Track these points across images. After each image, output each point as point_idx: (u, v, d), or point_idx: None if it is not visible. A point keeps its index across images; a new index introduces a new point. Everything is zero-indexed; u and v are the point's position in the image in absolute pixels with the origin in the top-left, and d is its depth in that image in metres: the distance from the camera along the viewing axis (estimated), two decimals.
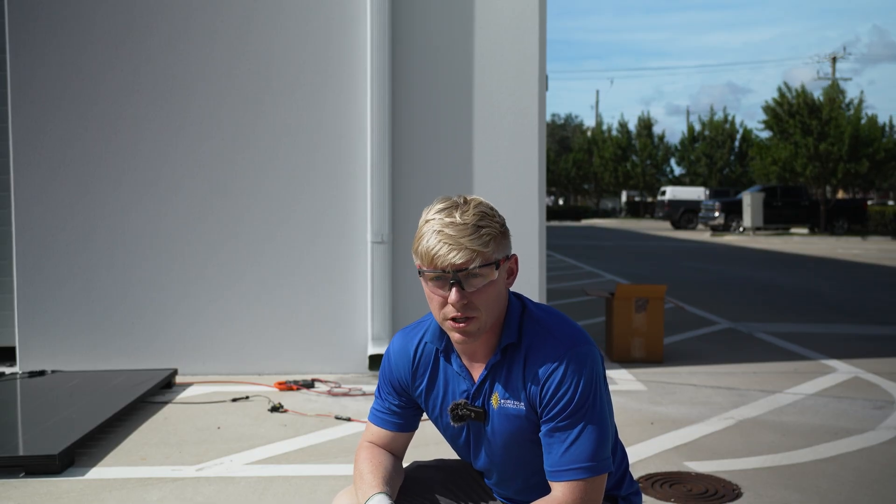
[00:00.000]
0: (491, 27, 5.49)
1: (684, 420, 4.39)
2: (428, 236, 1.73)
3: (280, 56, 5.45)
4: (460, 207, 1.74)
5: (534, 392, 1.79)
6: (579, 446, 1.75)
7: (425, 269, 1.74)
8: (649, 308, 5.98)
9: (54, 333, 5.39)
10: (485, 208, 1.76)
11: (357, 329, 5.51)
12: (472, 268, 1.71)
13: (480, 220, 1.73)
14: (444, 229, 1.71)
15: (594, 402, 1.76)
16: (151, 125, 5.41)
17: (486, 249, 1.72)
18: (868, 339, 7.17)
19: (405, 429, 2.00)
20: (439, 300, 1.76)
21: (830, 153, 30.26)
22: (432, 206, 1.77)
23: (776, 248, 21.61)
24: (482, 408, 1.87)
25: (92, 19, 5.36)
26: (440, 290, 1.75)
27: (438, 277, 1.73)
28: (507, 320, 1.84)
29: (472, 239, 1.71)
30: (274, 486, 3.34)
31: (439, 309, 1.77)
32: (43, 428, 3.91)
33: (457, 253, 1.70)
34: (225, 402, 4.74)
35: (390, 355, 1.97)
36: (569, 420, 1.76)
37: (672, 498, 3.23)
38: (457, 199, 1.77)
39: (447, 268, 1.71)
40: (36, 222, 5.38)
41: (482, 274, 1.73)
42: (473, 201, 1.77)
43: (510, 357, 1.83)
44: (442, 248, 1.71)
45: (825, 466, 3.63)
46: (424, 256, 1.73)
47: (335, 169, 5.49)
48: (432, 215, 1.75)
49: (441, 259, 1.71)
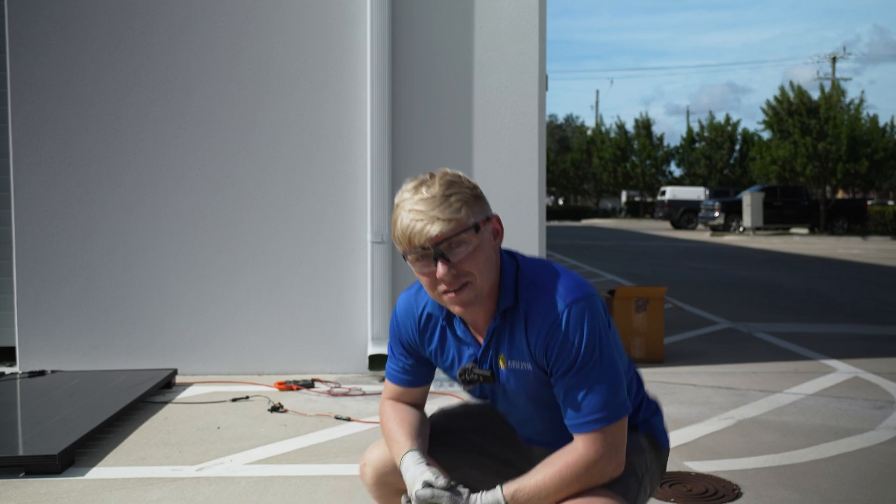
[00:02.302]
0: (491, 27, 5.49)
1: (684, 420, 4.39)
2: (401, 218, 1.74)
3: (280, 55, 5.44)
4: (426, 183, 1.76)
5: (539, 353, 1.80)
6: (593, 399, 1.76)
7: (407, 252, 1.75)
8: (649, 308, 5.98)
9: (54, 333, 5.39)
10: (451, 177, 1.77)
11: (357, 329, 5.51)
12: (449, 237, 1.71)
13: (447, 188, 1.74)
14: (415, 207, 1.73)
15: (600, 353, 1.77)
16: (151, 125, 5.41)
17: (459, 216, 1.72)
18: (868, 339, 7.16)
19: (422, 383, 2.05)
20: (429, 279, 1.77)
21: (829, 153, 30.25)
22: (401, 189, 1.79)
23: (776, 248, 21.61)
24: (490, 370, 1.89)
25: (92, 19, 5.36)
26: (427, 268, 1.75)
27: (422, 256, 1.74)
28: (502, 283, 1.84)
29: (443, 209, 1.71)
30: (274, 486, 3.34)
31: (433, 288, 1.78)
32: (43, 428, 3.91)
33: (430, 225, 1.70)
34: (225, 402, 4.74)
35: (397, 317, 2.00)
36: (578, 376, 1.77)
37: (672, 498, 3.23)
38: (423, 177, 1.78)
39: (425, 243, 1.72)
40: (36, 222, 5.38)
41: (463, 241, 1.73)
42: (439, 173, 1.78)
43: (511, 320, 1.84)
44: (416, 225, 1.71)
45: (825, 466, 3.62)
46: (402, 238, 1.75)
47: (335, 169, 5.49)
48: (402, 196, 1.77)
49: (417, 236, 1.72)
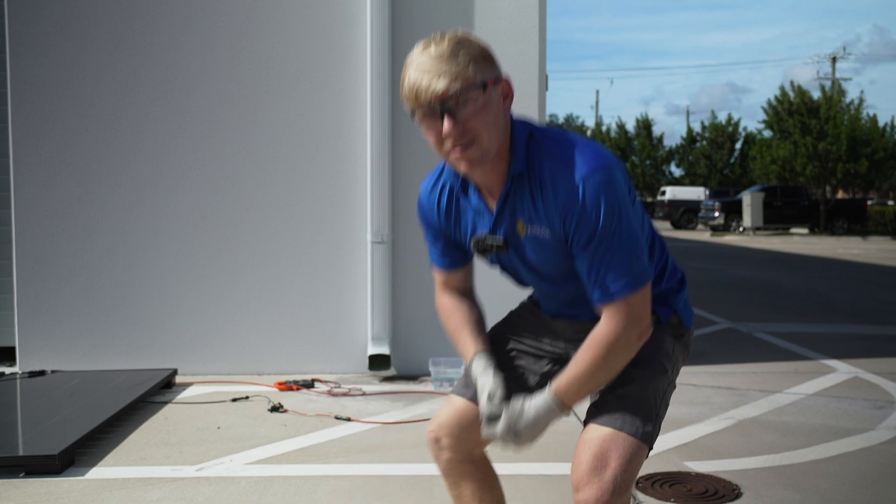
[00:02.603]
0: (491, 27, 5.49)
1: (684, 420, 4.39)
2: (408, 75, 1.75)
3: (280, 56, 5.45)
4: (434, 40, 1.75)
5: (556, 223, 1.79)
6: (613, 271, 1.74)
7: (415, 109, 1.75)
8: None
9: (54, 333, 5.40)
10: (461, 36, 1.77)
11: (357, 329, 5.51)
12: (456, 93, 1.70)
13: (456, 45, 1.73)
14: (422, 63, 1.73)
15: (619, 225, 1.73)
16: (151, 125, 5.41)
17: (466, 73, 1.70)
18: (868, 339, 7.17)
19: (462, 263, 2.08)
20: (435, 137, 1.76)
21: (829, 153, 30.25)
22: (411, 52, 1.81)
23: (776, 248, 21.61)
24: (503, 239, 1.88)
25: (92, 19, 5.36)
26: (434, 125, 1.74)
27: (428, 113, 1.73)
28: (513, 147, 1.82)
29: (451, 65, 1.70)
30: (274, 486, 3.34)
31: (440, 147, 1.77)
32: (43, 428, 3.91)
33: (437, 79, 1.69)
34: (225, 402, 4.75)
35: (420, 199, 2.04)
36: (597, 250, 1.75)
37: (672, 498, 3.23)
38: (433, 35, 1.78)
39: (432, 99, 1.70)
40: (36, 222, 5.38)
41: (470, 98, 1.71)
42: (449, 33, 1.78)
43: (524, 186, 1.82)
44: (423, 80, 1.70)
45: (825, 466, 3.62)
46: (409, 95, 1.75)
47: (335, 169, 5.49)
48: (410, 56, 1.78)
49: (424, 91, 1.71)
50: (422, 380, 5.36)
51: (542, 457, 3.66)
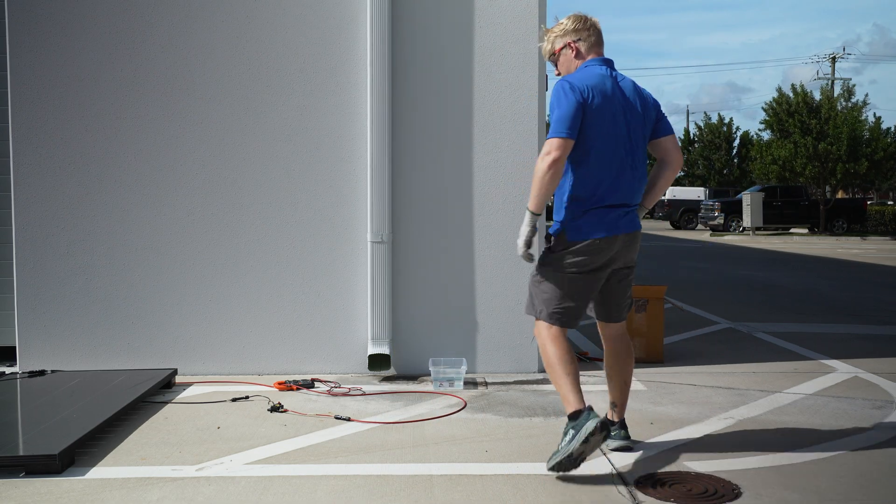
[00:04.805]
0: (491, 27, 5.49)
1: (684, 420, 4.39)
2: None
3: (280, 56, 5.45)
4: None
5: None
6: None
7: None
8: (649, 308, 5.98)
9: (54, 333, 5.40)
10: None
11: (357, 329, 5.51)
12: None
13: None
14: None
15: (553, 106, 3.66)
16: (151, 125, 5.42)
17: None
18: (868, 339, 7.17)
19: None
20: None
21: (829, 153, 30.25)
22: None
23: (776, 248, 21.62)
24: None
25: (92, 19, 5.36)
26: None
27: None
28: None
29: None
30: (274, 486, 3.34)
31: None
32: (43, 428, 3.91)
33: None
34: (225, 402, 4.75)
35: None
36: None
37: (672, 498, 3.23)
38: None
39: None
40: (36, 222, 5.38)
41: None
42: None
43: None
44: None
45: (825, 466, 3.63)
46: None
47: (335, 169, 5.50)
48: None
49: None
50: (422, 380, 5.36)
51: (543, 457, 3.66)
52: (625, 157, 3.57)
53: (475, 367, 5.54)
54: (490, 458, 3.71)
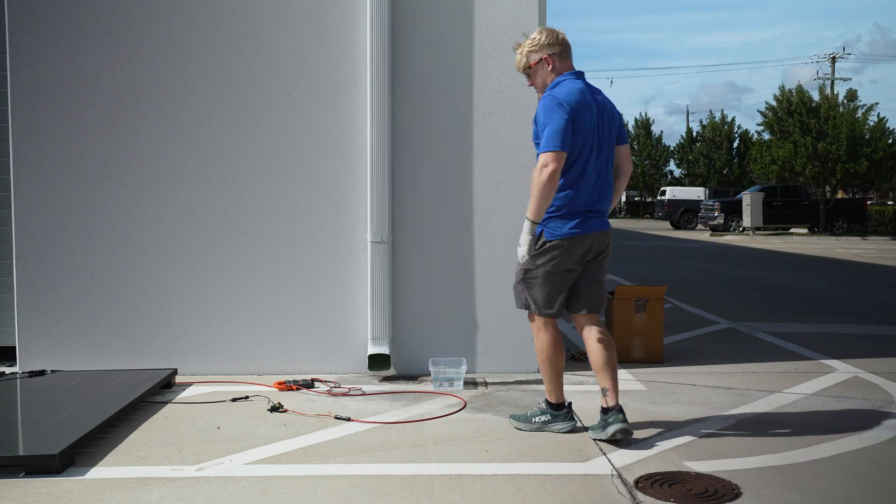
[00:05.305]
0: (491, 27, 5.49)
1: (684, 420, 4.39)
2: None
3: (280, 56, 5.45)
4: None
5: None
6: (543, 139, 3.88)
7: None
8: (649, 308, 5.98)
9: (54, 333, 5.40)
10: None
11: (357, 329, 5.51)
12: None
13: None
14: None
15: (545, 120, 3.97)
16: (151, 125, 5.42)
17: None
18: (868, 339, 7.17)
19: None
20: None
21: (829, 153, 30.24)
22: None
23: (776, 247, 21.62)
24: None
25: (92, 19, 5.36)
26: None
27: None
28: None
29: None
30: (274, 486, 3.34)
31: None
32: (43, 428, 3.91)
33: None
34: (225, 402, 4.75)
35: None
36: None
37: (672, 498, 3.24)
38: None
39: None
40: (36, 222, 5.38)
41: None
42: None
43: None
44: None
45: (825, 466, 3.63)
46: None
47: (335, 169, 5.50)
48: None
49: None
50: (421, 380, 5.36)
51: (543, 457, 3.66)
52: (604, 165, 4.01)
53: (475, 367, 5.54)
54: (490, 458, 3.71)
